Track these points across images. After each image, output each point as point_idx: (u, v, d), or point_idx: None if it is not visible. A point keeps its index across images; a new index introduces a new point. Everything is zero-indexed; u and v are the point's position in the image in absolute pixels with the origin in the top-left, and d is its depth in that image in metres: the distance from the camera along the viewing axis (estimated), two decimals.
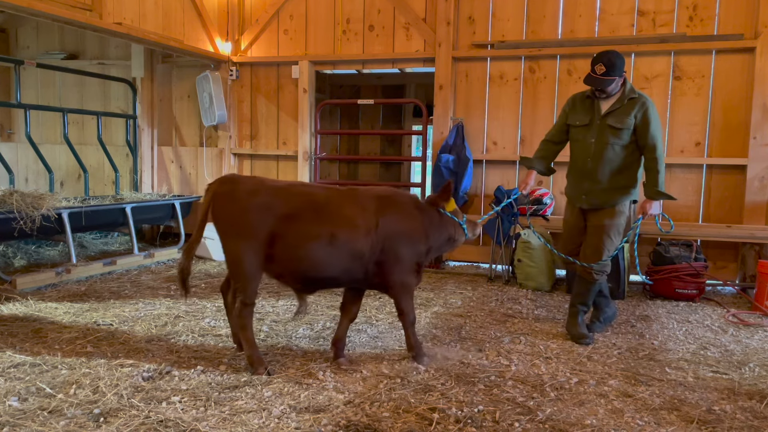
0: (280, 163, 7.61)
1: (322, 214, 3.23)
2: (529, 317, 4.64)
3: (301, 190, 3.33)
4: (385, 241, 3.29)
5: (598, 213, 4.03)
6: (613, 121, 3.90)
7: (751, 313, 4.93)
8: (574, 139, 4.14)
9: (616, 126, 3.88)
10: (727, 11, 5.81)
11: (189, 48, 6.93)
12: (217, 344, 3.78)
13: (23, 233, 5.20)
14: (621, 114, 3.90)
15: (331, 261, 3.24)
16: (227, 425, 2.64)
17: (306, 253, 3.20)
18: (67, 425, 2.59)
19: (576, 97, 4.19)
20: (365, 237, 3.25)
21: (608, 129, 3.91)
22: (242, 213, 3.19)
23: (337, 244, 3.21)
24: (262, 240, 3.18)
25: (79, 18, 5.46)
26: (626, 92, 3.94)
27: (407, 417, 2.76)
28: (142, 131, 7.85)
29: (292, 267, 3.25)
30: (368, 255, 3.27)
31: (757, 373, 3.51)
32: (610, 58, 3.82)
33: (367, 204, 3.33)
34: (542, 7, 6.37)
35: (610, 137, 3.91)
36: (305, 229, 3.19)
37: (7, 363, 3.31)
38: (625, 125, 3.87)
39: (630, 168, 3.98)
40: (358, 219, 3.26)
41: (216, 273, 6.10)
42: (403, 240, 3.35)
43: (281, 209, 3.20)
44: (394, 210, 3.37)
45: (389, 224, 3.31)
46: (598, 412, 2.89)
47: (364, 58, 7.03)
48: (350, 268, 3.28)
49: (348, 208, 3.28)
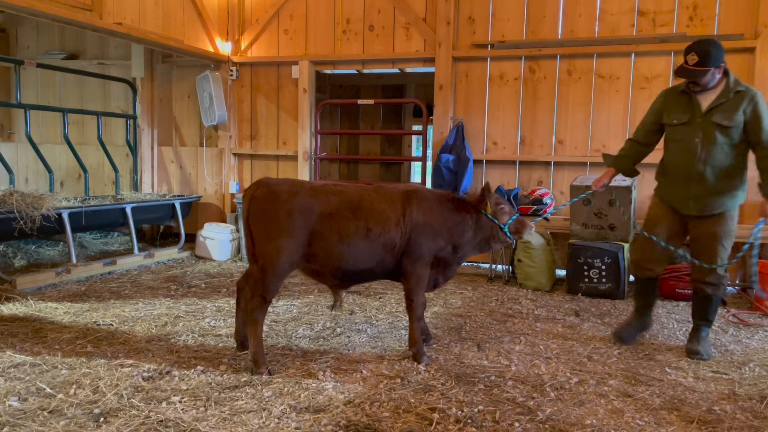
0: (280, 163, 7.61)
1: (357, 210, 3.39)
2: (529, 317, 4.64)
3: (335, 189, 3.47)
4: (411, 232, 3.46)
5: (707, 220, 3.69)
6: (720, 119, 3.51)
7: (751, 313, 4.93)
8: (673, 139, 3.75)
9: (725, 124, 3.50)
10: (727, 11, 5.81)
11: (189, 48, 6.93)
12: (217, 344, 3.78)
13: (23, 233, 5.21)
14: (728, 110, 3.51)
15: (366, 254, 3.42)
16: (227, 425, 2.64)
17: (345, 248, 3.36)
18: (67, 425, 2.59)
19: (668, 92, 3.80)
20: (395, 228, 3.43)
21: (715, 127, 3.53)
22: (284, 214, 3.28)
23: (371, 237, 3.39)
24: (302, 239, 3.31)
25: (79, 18, 5.46)
26: (730, 85, 3.53)
27: (407, 417, 2.76)
28: (142, 131, 7.85)
29: (332, 263, 3.41)
30: (398, 246, 3.46)
31: (757, 373, 3.51)
32: (704, 47, 3.44)
33: (395, 198, 3.51)
34: (542, 7, 6.36)
35: (718, 136, 3.53)
36: (343, 225, 3.34)
37: (7, 363, 3.31)
38: (734, 122, 3.49)
39: (739, 168, 3.66)
40: (389, 212, 3.44)
41: (216, 273, 6.10)
42: (424, 232, 3.48)
43: (321, 209, 3.33)
44: (419, 203, 3.52)
45: (414, 216, 3.47)
46: (598, 412, 2.89)
47: (364, 58, 7.03)
48: (383, 259, 3.47)
49: (379, 203, 3.45)
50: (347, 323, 4.30)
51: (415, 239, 3.46)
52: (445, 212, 3.58)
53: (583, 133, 6.34)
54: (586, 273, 5.36)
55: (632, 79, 6.11)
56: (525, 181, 6.56)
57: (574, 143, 6.37)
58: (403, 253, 3.48)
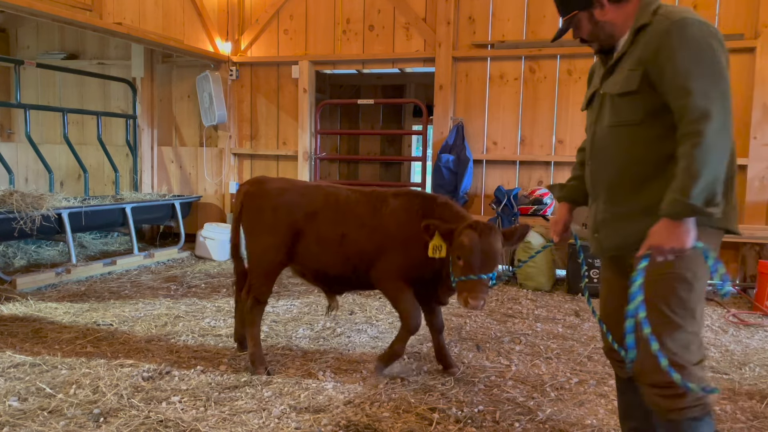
0: (280, 163, 7.61)
1: (337, 213, 3.23)
2: (529, 317, 4.64)
3: (325, 190, 3.36)
4: (384, 241, 3.15)
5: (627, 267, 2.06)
6: (611, 86, 2.06)
7: (752, 313, 4.93)
8: None
9: (615, 92, 2.02)
10: (727, 11, 5.81)
11: (189, 48, 6.93)
12: (217, 344, 3.78)
13: (23, 233, 5.20)
14: (625, 66, 2.01)
15: (340, 259, 3.22)
16: (227, 425, 2.64)
17: (321, 250, 3.23)
18: (67, 425, 2.59)
19: (592, 68, 2.37)
20: (369, 236, 3.16)
21: (608, 101, 2.07)
22: (269, 210, 3.27)
23: (345, 243, 3.18)
24: (286, 237, 3.24)
25: (79, 18, 5.45)
26: (635, 23, 2.01)
27: (407, 417, 2.76)
28: (142, 131, 7.84)
29: (311, 265, 3.31)
30: (371, 255, 3.16)
31: (758, 373, 3.51)
32: None
33: (378, 203, 3.22)
34: (542, 7, 6.36)
35: (610, 115, 2.06)
36: (323, 227, 3.22)
37: (7, 363, 3.31)
38: (630, 85, 1.96)
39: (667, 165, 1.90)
40: (366, 218, 3.19)
41: (216, 273, 6.10)
42: (394, 244, 3.12)
43: (306, 208, 3.26)
44: (397, 211, 3.17)
45: (388, 224, 3.15)
46: (598, 412, 2.88)
47: (364, 58, 7.03)
48: (357, 267, 3.21)
49: (360, 208, 3.23)
50: (347, 323, 4.30)
51: (389, 250, 3.11)
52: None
53: (583, 132, 6.33)
54: (586, 273, 5.35)
55: None
56: (525, 181, 6.56)
57: (574, 143, 6.37)
58: (375, 265, 3.16)
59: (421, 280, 3.16)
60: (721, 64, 1.84)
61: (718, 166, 1.76)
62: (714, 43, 1.87)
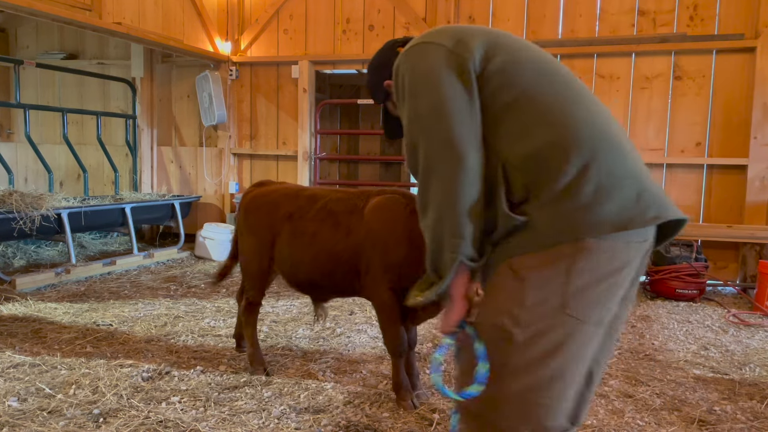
0: (279, 163, 7.60)
1: (315, 213, 3.03)
2: None
3: (307, 192, 3.21)
4: (364, 245, 2.85)
5: None
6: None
7: (752, 313, 4.92)
8: None
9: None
10: (727, 11, 5.81)
11: (189, 48, 6.92)
12: (216, 344, 3.77)
13: (23, 233, 5.20)
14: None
15: (311, 263, 3.00)
16: (227, 425, 2.63)
17: (292, 253, 3.08)
18: (67, 425, 2.59)
19: None
20: (344, 239, 2.89)
21: None
22: (253, 212, 3.29)
23: (316, 245, 2.97)
24: (266, 240, 3.20)
25: (79, 18, 5.45)
26: None
27: (407, 417, 2.75)
28: (141, 131, 7.84)
29: (284, 268, 3.17)
30: (347, 260, 2.89)
31: (758, 373, 3.51)
32: (367, 75, 2.05)
33: (359, 202, 2.96)
34: (542, 7, 6.36)
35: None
36: (297, 228, 3.06)
37: (7, 363, 3.30)
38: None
39: None
40: (343, 219, 2.93)
41: (215, 273, 6.08)
42: (377, 247, 2.82)
43: (285, 209, 3.17)
44: (381, 211, 2.87)
45: (370, 227, 2.85)
46: (598, 412, 2.88)
47: (364, 57, 7.01)
48: (333, 272, 2.96)
49: (339, 206, 2.99)
50: (347, 323, 4.30)
51: (370, 255, 2.83)
52: (410, 224, 2.62)
53: None
54: None
55: (632, 79, 6.11)
56: None
57: None
58: (359, 271, 2.89)
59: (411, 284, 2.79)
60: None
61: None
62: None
